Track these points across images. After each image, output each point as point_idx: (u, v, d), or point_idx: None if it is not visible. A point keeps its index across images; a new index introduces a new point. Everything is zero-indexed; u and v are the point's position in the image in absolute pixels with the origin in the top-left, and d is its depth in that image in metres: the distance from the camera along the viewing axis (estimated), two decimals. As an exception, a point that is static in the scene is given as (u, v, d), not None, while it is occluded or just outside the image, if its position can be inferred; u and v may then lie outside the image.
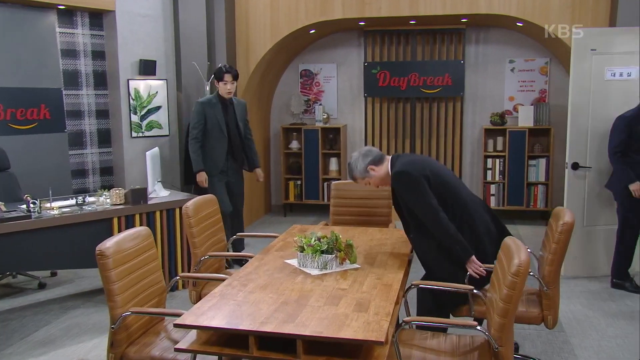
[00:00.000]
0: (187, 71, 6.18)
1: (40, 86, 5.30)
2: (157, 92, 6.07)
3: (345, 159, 7.67)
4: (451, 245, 3.01)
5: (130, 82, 5.85)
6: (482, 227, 3.13)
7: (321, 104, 7.67)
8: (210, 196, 3.77)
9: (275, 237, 3.83)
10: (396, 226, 4.25)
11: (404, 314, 3.00)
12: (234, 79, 5.16)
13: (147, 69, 5.93)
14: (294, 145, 7.63)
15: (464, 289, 2.88)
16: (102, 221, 4.20)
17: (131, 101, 5.88)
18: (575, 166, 4.93)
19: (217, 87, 5.19)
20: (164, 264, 4.49)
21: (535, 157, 6.94)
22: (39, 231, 3.94)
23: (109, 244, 2.57)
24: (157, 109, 6.10)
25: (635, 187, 4.46)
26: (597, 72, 4.90)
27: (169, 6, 6.13)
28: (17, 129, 5.19)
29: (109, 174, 6.00)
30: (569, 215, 2.99)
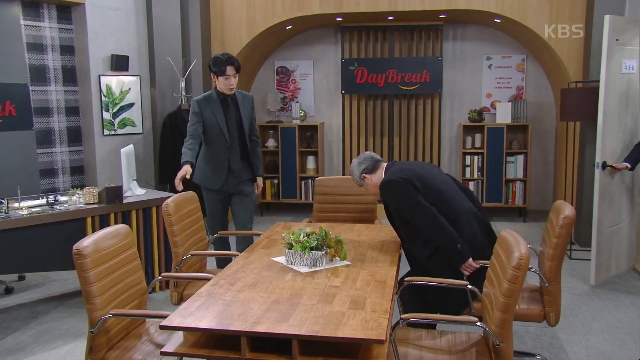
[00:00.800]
0: (161, 67, 6.00)
1: (4, 81, 5.04)
2: (129, 89, 5.87)
3: (322, 157, 7.57)
4: (448, 245, 2.92)
5: (101, 77, 5.63)
6: (469, 241, 3.00)
7: (298, 102, 7.55)
8: (191, 193, 3.61)
9: (259, 234, 3.73)
10: (382, 222, 4.16)
11: (395, 311, 2.90)
12: (237, 71, 4.14)
13: (119, 64, 5.72)
14: (271, 143, 7.48)
15: (458, 284, 2.79)
16: (75, 221, 3.99)
17: (103, 98, 5.67)
18: (604, 165, 4.70)
19: (216, 81, 4.17)
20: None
21: (513, 154, 6.94)
22: (7, 232, 3.72)
23: (87, 243, 2.41)
24: (130, 106, 5.89)
25: None
26: (618, 65, 4.69)
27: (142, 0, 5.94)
28: (-19, 126, 4.93)
29: (79, 173, 5.77)
30: (569, 209, 2.90)
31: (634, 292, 4.58)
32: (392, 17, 6.69)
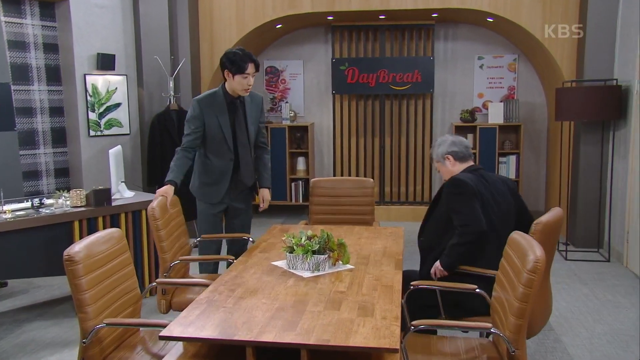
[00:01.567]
0: (148, 66, 5.84)
1: (-14, 80, 4.85)
2: (116, 88, 5.70)
3: (313, 158, 7.46)
4: (454, 249, 2.83)
5: (87, 77, 5.46)
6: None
7: (287, 102, 7.42)
8: (173, 197, 3.44)
9: (246, 236, 3.72)
10: (379, 224, 4.06)
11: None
12: (257, 70, 3.54)
13: (105, 63, 5.56)
14: (260, 144, 7.34)
15: (466, 288, 2.70)
16: (62, 225, 3.83)
17: (88, 98, 5.49)
18: None
19: (229, 80, 3.51)
20: (129, 271, 4.15)
21: (505, 154, 6.89)
22: (-10, 237, 3.55)
23: (79, 248, 2.27)
24: (117, 106, 5.73)
25: None
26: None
27: (128, -3, 5.79)
28: (-38, 126, 4.73)
29: (64, 175, 5.58)
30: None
31: (632, 292, 4.53)
32: (383, 16, 6.60)
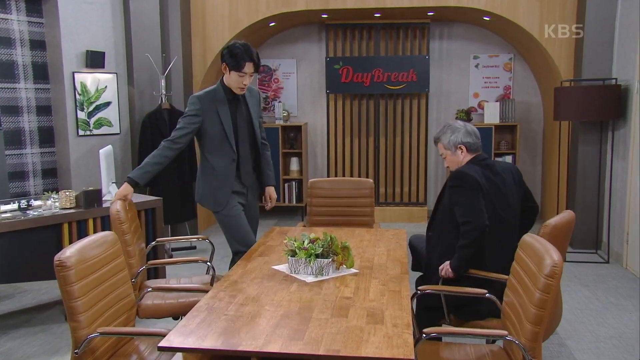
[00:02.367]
0: (139, 64, 5.69)
1: (-30, 78, 4.69)
2: (106, 87, 5.54)
3: (306, 159, 7.34)
4: (463, 251, 2.73)
5: (75, 75, 5.30)
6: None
7: (281, 101, 7.30)
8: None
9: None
10: (380, 226, 3.96)
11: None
12: (256, 70, 3.32)
13: (94, 61, 5.40)
14: (253, 144, 7.21)
15: (477, 293, 2.59)
16: (50, 227, 3.68)
17: (77, 96, 5.33)
18: None
19: (227, 75, 3.30)
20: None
21: (501, 154, 6.82)
22: (-25, 240, 3.40)
23: (70, 252, 2.13)
24: (107, 105, 5.57)
25: None
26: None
27: (118, -7, 5.63)
28: (-55, 125, 4.57)
29: (52, 176, 5.42)
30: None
31: (633, 294, 4.46)
32: (379, 15, 6.50)
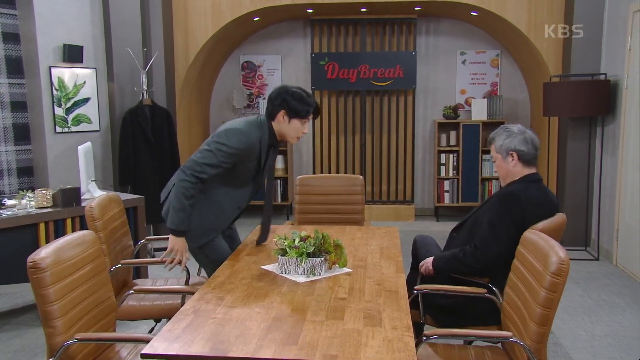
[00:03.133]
0: (119, 59, 5.51)
1: (-58, 72, 4.48)
2: (84, 82, 5.35)
3: (292, 156, 7.21)
4: (455, 262, 2.67)
5: (52, 69, 5.10)
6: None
7: (265, 98, 7.16)
8: (114, 194, 3.18)
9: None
10: (371, 224, 3.84)
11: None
12: (315, 117, 3.06)
13: (72, 55, 5.20)
14: (237, 142, 7.06)
15: (476, 293, 2.49)
16: (26, 227, 3.50)
17: (54, 92, 5.14)
18: None
19: (283, 122, 2.87)
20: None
21: (489, 152, 6.74)
22: (-55, 242, 3.22)
23: (45, 253, 1.99)
24: (86, 101, 5.38)
25: None
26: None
27: (97, -15, 5.44)
28: None
29: (28, 174, 5.21)
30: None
31: (625, 292, 4.41)
32: (365, 10, 6.39)
